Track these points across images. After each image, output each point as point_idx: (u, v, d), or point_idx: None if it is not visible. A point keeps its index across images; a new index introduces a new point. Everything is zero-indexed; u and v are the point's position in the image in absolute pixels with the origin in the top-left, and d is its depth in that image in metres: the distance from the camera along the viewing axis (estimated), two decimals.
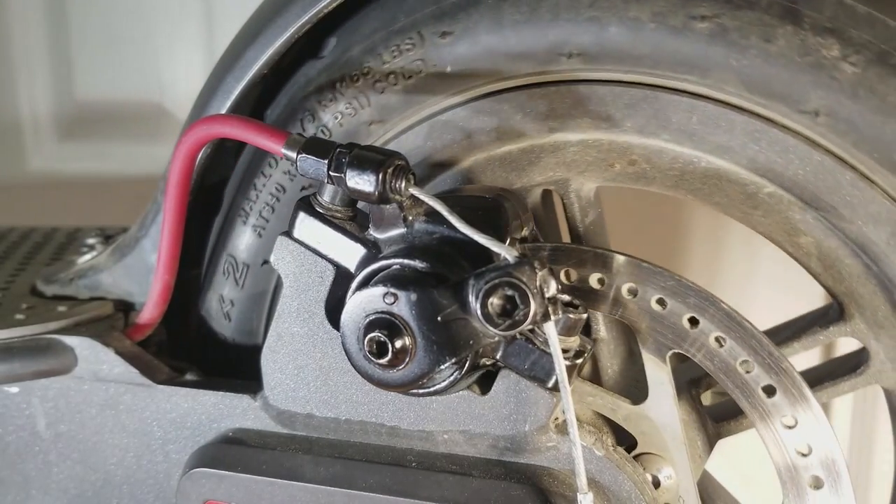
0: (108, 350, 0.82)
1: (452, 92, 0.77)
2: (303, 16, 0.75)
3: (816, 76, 0.68)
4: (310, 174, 0.70)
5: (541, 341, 0.69)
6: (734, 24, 0.69)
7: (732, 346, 0.72)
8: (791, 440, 0.72)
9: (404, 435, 0.75)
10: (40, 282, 0.94)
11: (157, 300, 0.85)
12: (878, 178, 0.70)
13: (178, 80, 1.72)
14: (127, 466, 0.84)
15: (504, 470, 0.72)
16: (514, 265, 0.63)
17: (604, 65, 0.73)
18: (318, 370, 0.76)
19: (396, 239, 0.71)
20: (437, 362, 0.67)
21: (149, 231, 0.87)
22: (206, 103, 0.81)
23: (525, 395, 0.71)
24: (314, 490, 0.74)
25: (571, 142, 0.77)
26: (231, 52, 0.81)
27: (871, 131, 0.68)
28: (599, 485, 0.71)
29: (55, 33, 1.77)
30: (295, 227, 0.74)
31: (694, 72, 0.71)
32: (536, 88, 0.76)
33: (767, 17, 0.69)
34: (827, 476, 0.71)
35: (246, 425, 0.80)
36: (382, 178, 0.67)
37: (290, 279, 0.75)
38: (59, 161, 1.80)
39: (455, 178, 0.80)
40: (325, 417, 0.76)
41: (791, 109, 0.70)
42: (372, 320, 0.67)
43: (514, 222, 0.74)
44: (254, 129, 0.73)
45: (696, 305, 0.72)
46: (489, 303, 0.63)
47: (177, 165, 0.79)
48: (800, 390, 0.71)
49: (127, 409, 0.83)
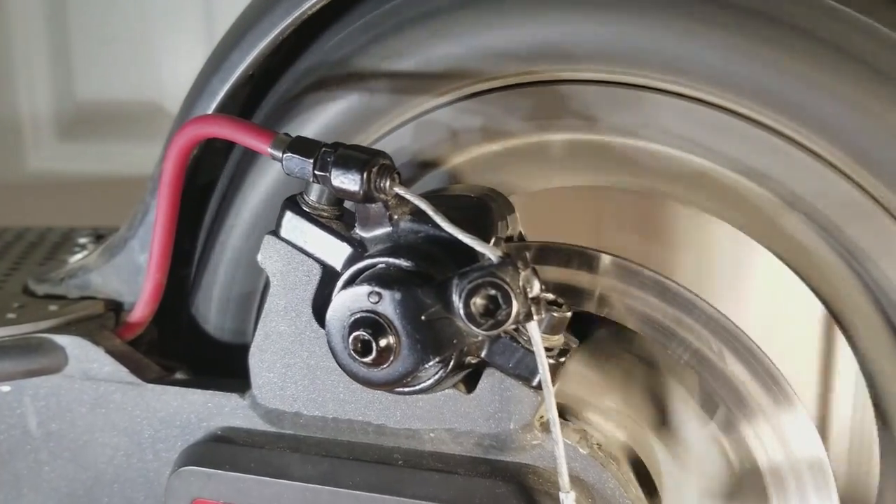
0: (99, 349, 0.83)
1: (439, 92, 0.77)
2: (287, 17, 0.75)
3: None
4: (295, 173, 0.70)
5: (525, 340, 0.69)
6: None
7: (718, 347, 0.72)
8: (776, 442, 0.72)
9: (391, 433, 0.75)
10: (32, 281, 0.95)
11: (147, 299, 0.86)
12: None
13: (177, 80, 1.73)
14: (117, 465, 0.85)
15: (489, 468, 0.72)
16: (497, 265, 0.63)
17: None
18: (305, 369, 0.76)
19: (382, 238, 0.72)
20: (422, 361, 0.67)
21: (137, 232, 0.87)
22: (192, 105, 0.81)
23: (510, 394, 0.71)
24: (302, 488, 0.74)
25: (557, 142, 0.77)
26: (217, 54, 0.81)
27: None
28: (584, 483, 0.71)
29: (55, 33, 1.77)
30: (282, 227, 0.74)
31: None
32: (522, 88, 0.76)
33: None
34: (812, 477, 0.71)
35: (234, 424, 0.80)
36: (367, 178, 0.68)
37: (278, 278, 0.75)
38: (58, 161, 1.80)
39: (441, 178, 0.80)
40: (313, 416, 0.77)
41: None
42: (356, 319, 0.68)
43: (500, 222, 0.74)
44: (241, 128, 0.74)
45: (682, 306, 0.73)
46: (472, 303, 0.63)
47: (169, 165, 0.79)
48: (785, 392, 0.71)
49: (117, 407, 0.83)
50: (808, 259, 0.74)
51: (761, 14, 0.69)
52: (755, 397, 0.72)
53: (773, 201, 0.73)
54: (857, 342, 0.75)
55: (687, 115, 0.73)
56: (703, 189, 0.75)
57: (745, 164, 0.73)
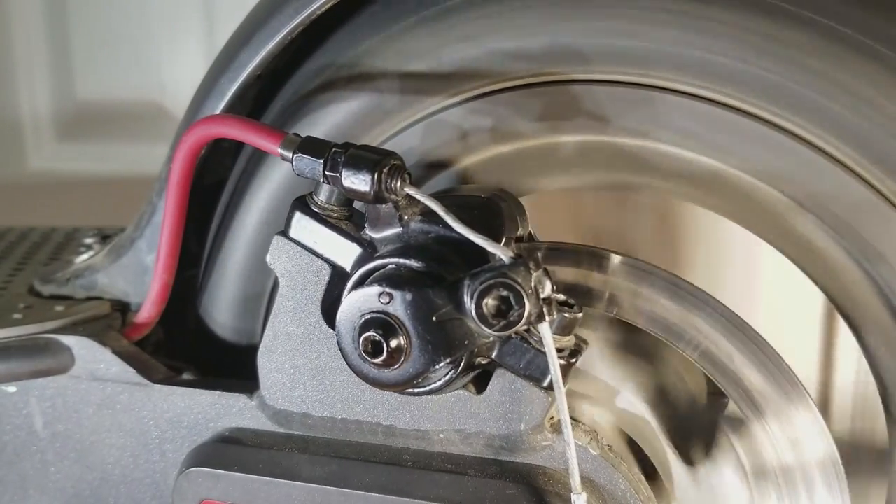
0: (105, 350, 0.83)
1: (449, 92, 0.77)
2: (296, 17, 0.75)
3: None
4: (306, 174, 0.70)
5: (536, 340, 0.69)
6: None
7: (728, 345, 0.72)
8: (787, 440, 0.72)
9: (400, 434, 0.75)
10: (38, 281, 0.94)
11: (154, 300, 0.85)
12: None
13: (178, 80, 1.73)
14: (124, 466, 0.84)
15: (499, 469, 0.72)
16: (509, 266, 0.63)
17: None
18: (314, 369, 0.76)
19: (392, 238, 0.71)
20: (432, 362, 0.67)
21: (144, 232, 0.87)
22: (201, 104, 0.81)
23: (520, 395, 0.71)
24: (310, 489, 0.74)
25: (568, 143, 0.77)
26: (225, 54, 0.81)
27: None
28: (595, 484, 0.71)
29: (55, 33, 1.77)
30: (291, 227, 0.74)
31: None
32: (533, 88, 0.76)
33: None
34: (822, 475, 0.71)
35: (242, 425, 0.80)
36: (378, 178, 0.67)
37: (287, 279, 0.75)
38: (58, 161, 1.80)
39: (451, 179, 0.80)
40: (322, 417, 0.76)
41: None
42: (367, 320, 0.67)
43: (511, 222, 0.74)
44: (251, 128, 0.73)
45: (693, 304, 0.72)
46: (484, 303, 0.63)
47: (177, 166, 0.79)
48: (796, 390, 0.71)
49: (124, 408, 0.83)
50: (820, 260, 0.74)
51: (773, 12, 0.69)
52: (766, 396, 0.72)
53: (785, 202, 0.73)
54: (867, 343, 0.75)
55: (698, 116, 0.72)
56: (715, 190, 0.75)
57: (757, 165, 0.73)
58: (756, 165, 0.73)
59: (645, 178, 0.77)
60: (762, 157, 0.72)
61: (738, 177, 0.74)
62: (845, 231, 0.71)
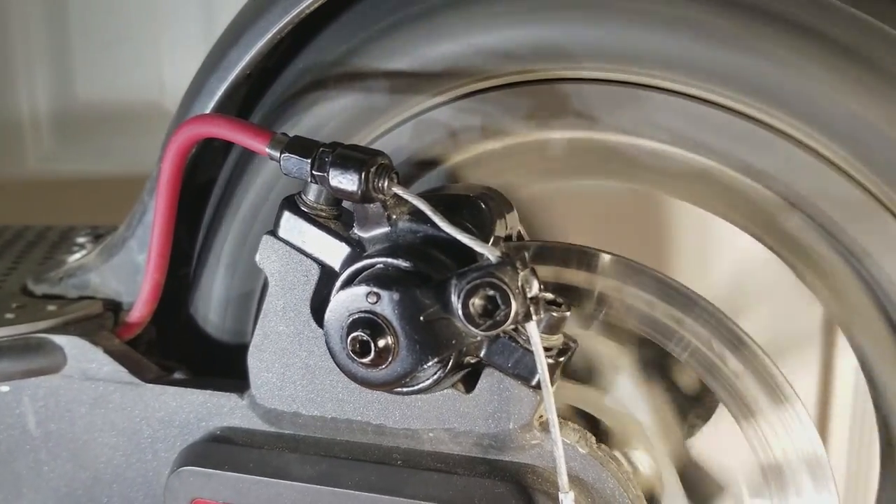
0: (97, 349, 0.83)
1: (437, 91, 0.77)
2: (285, 16, 0.75)
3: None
4: (293, 173, 0.70)
5: (524, 340, 0.69)
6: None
7: (718, 346, 0.72)
8: (775, 440, 0.72)
9: (390, 433, 0.75)
10: (30, 281, 0.95)
11: (146, 299, 0.86)
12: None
13: (178, 79, 1.72)
14: (116, 465, 0.85)
15: (488, 468, 0.72)
16: (495, 265, 0.63)
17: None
18: (304, 369, 0.76)
19: (380, 238, 0.72)
20: (420, 361, 0.67)
21: (135, 231, 0.87)
22: (190, 104, 0.81)
23: (509, 394, 0.71)
24: (301, 488, 0.74)
25: (556, 140, 0.77)
26: (214, 54, 0.81)
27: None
28: (583, 482, 0.71)
29: (55, 33, 1.77)
30: (280, 226, 0.74)
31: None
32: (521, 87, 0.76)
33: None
34: (811, 475, 0.71)
35: (233, 424, 0.80)
36: (365, 178, 0.67)
37: (276, 278, 0.75)
38: (58, 160, 1.80)
39: (440, 178, 0.80)
40: (312, 416, 0.76)
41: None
42: (355, 319, 0.67)
43: (499, 221, 0.74)
44: (239, 128, 0.74)
45: (682, 304, 0.72)
46: (470, 303, 0.63)
47: (167, 165, 0.79)
48: (784, 391, 0.71)
49: (116, 407, 0.83)
50: (808, 258, 0.74)
51: (761, 11, 0.69)
52: (754, 396, 0.72)
53: (773, 200, 0.73)
54: (857, 342, 0.75)
55: (687, 114, 0.72)
56: (704, 188, 0.75)
57: (745, 163, 0.72)
58: (744, 163, 0.72)
59: (634, 176, 0.77)
60: (750, 155, 0.72)
61: (726, 174, 0.74)
62: (833, 228, 0.71)
